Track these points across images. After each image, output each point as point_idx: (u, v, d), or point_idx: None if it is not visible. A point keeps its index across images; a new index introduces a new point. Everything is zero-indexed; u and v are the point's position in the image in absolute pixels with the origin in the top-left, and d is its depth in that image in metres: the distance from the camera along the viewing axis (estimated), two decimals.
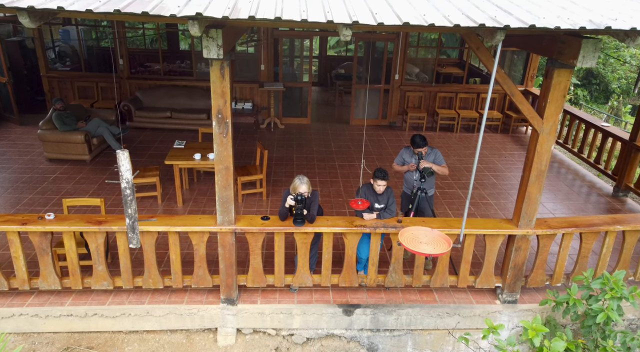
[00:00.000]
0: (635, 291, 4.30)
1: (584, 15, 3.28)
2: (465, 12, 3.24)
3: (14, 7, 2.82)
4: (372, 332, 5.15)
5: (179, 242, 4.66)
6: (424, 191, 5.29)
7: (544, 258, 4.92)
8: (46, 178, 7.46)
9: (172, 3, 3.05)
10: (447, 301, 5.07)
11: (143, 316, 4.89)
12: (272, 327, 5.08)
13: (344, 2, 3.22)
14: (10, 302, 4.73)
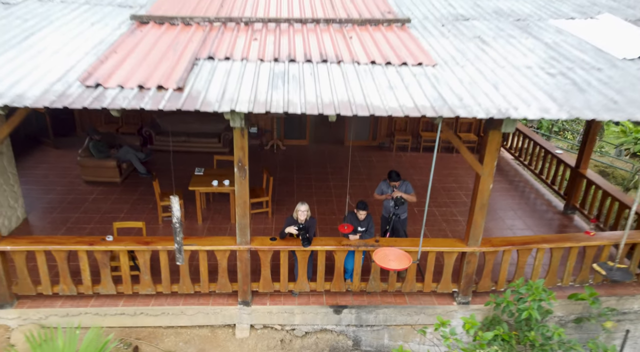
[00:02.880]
0: (551, 295, 5.71)
1: (498, 103, 4.69)
2: (416, 101, 4.65)
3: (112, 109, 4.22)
4: (357, 327, 6.55)
5: (206, 257, 6.07)
6: (398, 215, 6.71)
7: (489, 269, 6.33)
8: (86, 199, 8.86)
9: (213, 99, 4.46)
10: (415, 302, 6.48)
11: (178, 315, 6.30)
12: (278, 323, 6.49)
13: (332, 97, 4.62)
14: (77, 304, 6.13)
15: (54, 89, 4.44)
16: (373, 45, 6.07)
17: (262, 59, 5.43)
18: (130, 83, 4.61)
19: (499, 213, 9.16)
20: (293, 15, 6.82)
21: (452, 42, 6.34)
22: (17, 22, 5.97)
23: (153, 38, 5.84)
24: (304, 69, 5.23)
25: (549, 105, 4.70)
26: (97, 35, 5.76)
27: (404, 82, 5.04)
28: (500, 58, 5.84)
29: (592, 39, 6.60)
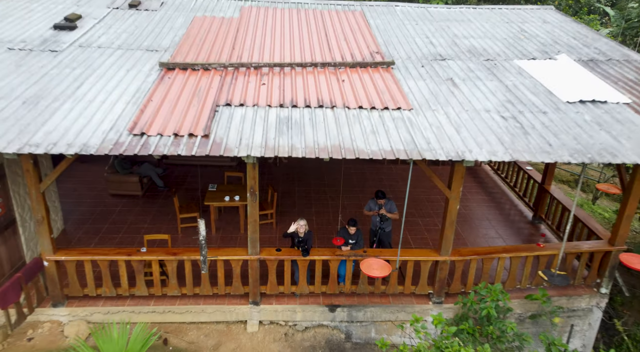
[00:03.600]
0: (507, 296, 6.98)
1: (457, 146, 5.94)
2: (392, 145, 5.89)
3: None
4: (348, 323, 7.82)
5: (223, 265, 7.32)
6: (383, 229, 7.98)
7: (459, 274, 7.60)
8: (113, 211, 10.11)
9: (232, 145, 5.70)
10: (397, 302, 7.74)
11: (199, 313, 7.56)
12: (283, 320, 7.76)
13: (326, 141, 5.86)
14: (116, 303, 7.39)
15: (109, 137, 5.68)
16: (361, 88, 7.31)
17: (269, 105, 6.67)
18: (167, 131, 5.86)
19: (475, 222, 10.42)
20: (294, 60, 8.06)
21: (428, 84, 7.58)
22: (67, 71, 7.20)
23: (179, 84, 7.07)
24: (304, 115, 6.46)
25: (497, 148, 5.95)
26: (134, 83, 6.99)
27: (384, 126, 6.29)
28: (465, 101, 7.08)
29: (546, 80, 7.84)
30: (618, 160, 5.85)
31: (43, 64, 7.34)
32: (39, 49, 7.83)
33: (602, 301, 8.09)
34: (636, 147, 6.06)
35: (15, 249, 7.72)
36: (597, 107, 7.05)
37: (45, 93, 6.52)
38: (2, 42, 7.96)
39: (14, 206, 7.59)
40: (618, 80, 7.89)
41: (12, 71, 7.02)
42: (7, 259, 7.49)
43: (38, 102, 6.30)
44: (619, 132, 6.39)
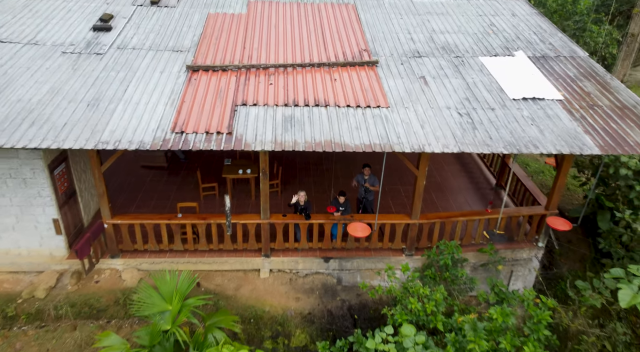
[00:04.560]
0: (460, 250, 9.10)
1: (420, 140, 7.83)
2: (371, 139, 7.78)
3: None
4: (339, 271, 10.01)
5: (241, 227, 9.40)
6: (367, 198, 10.01)
7: (426, 233, 9.70)
8: (145, 181, 12.11)
9: (250, 141, 7.59)
10: (377, 255, 9.89)
11: (223, 263, 9.72)
12: (288, 268, 9.94)
13: (320, 137, 7.75)
14: (158, 256, 9.53)
15: (157, 135, 7.57)
16: (350, 87, 9.10)
17: (276, 104, 8.50)
18: (200, 129, 7.74)
19: (448, 189, 12.44)
20: (296, 60, 9.78)
21: (404, 83, 9.36)
22: (113, 74, 8.97)
23: (204, 85, 8.87)
24: (304, 113, 8.31)
25: (450, 141, 7.85)
26: (168, 86, 8.78)
27: (365, 123, 8.16)
28: (432, 99, 8.90)
29: (501, 78, 9.59)
30: (539, 151, 7.78)
31: (93, 68, 9.09)
32: (86, 52, 9.54)
33: (539, 252, 10.25)
34: (555, 140, 7.96)
35: (77, 214, 9.80)
36: (535, 103, 8.87)
37: (101, 96, 8.34)
38: (55, 46, 9.66)
39: (74, 181, 9.59)
40: (559, 77, 9.65)
41: (71, 75, 8.80)
42: (72, 221, 9.59)
43: (98, 104, 8.13)
44: (546, 126, 8.27)
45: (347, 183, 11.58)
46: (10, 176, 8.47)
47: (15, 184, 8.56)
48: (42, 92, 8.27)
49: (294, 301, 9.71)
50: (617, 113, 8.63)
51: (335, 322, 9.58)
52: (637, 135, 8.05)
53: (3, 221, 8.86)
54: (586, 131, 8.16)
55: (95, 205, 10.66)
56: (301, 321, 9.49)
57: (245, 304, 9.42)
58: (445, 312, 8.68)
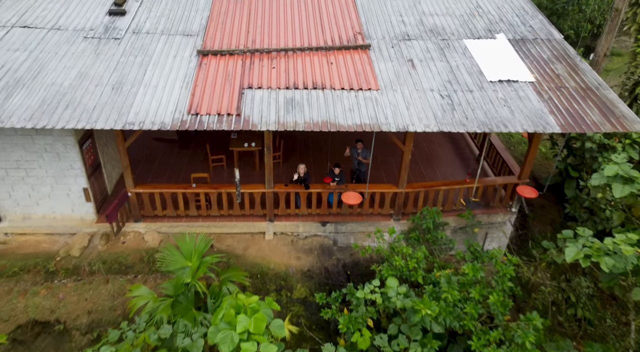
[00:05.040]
0: (440, 215, 10.38)
1: (405, 120, 8.95)
2: (362, 120, 8.90)
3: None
4: (335, 233, 11.34)
5: (248, 196, 10.65)
6: (359, 169, 11.22)
7: (412, 200, 10.97)
8: (158, 153, 13.27)
9: (257, 122, 8.72)
10: (368, 220, 11.19)
11: (232, 227, 11.04)
12: (289, 231, 11.26)
13: (317, 118, 8.87)
14: (175, 220, 10.83)
15: (175, 117, 8.69)
16: (345, 70, 10.13)
17: (279, 87, 9.56)
18: (213, 111, 8.85)
19: (435, 160, 13.63)
20: (296, 45, 10.74)
21: (394, 66, 10.37)
22: (131, 59, 9.97)
23: (213, 69, 9.89)
24: (303, 96, 9.39)
25: (431, 122, 8.98)
26: (182, 70, 9.80)
27: (358, 105, 9.26)
28: (418, 82, 9.94)
29: (481, 60, 10.59)
30: (508, 130, 8.92)
31: (113, 52, 10.08)
32: (105, 37, 10.50)
33: (512, 217, 11.57)
34: (523, 119, 9.08)
35: (102, 183, 11.04)
36: (510, 85, 9.93)
37: (124, 80, 9.39)
38: (77, 31, 10.60)
39: (99, 155, 10.77)
40: (534, 60, 10.66)
41: (95, 60, 9.81)
42: (98, 190, 10.84)
43: (121, 88, 9.20)
44: (516, 107, 9.37)
45: (342, 156, 12.74)
46: (45, 150, 9.64)
47: (50, 158, 9.74)
48: (71, 76, 9.31)
49: (295, 260, 11.08)
50: (581, 94, 9.71)
51: (331, 278, 10.99)
52: (594, 115, 9.17)
53: (40, 189, 10.09)
54: (551, 111, 9.27)
55: (116, 175, 11.88)
56: (301, 276, 10.89)
57: (252, 262, 10.80)
58: (427, 268, 10.05)
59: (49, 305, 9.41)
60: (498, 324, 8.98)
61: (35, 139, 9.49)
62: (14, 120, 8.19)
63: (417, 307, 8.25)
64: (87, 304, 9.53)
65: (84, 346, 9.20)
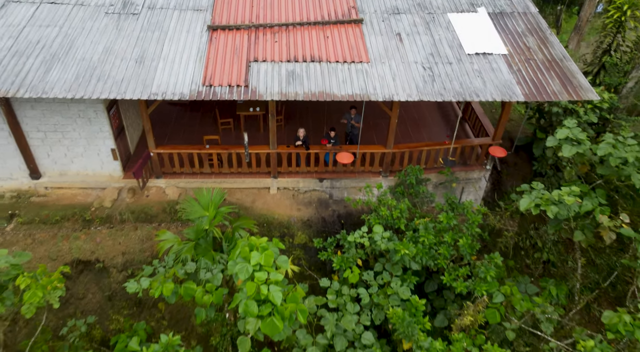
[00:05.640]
0: (422, 171, 11.95)
1: (390, 91, 10.33)
2: (354, 90, 10.29)
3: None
4: (331, 188, 12.96)
5: (255, 155, 12.18)
6: (352, 132, 12.69)
7: (398, 159, 12.51)
8: (171, 117, 14.68)
9: (262, 92, 10.11)
10: (360, 176, 12.78)
11: (241, 183, 12.64)
12: (291, 187, 12.88)
13: (315, 89, 10.25)
14: (191, 177, 12.42)
15: (192, 88, 10.07)
16: (339, 44, 11.38)
17: (281, 60, 10.86)
18: (224, 83, 10.22)
19: (422, 122, 15.05)
20: (295, 19, 11.93)
21: (383, 40, 11.61)
22: (149, 34, 11.21)
23: (223, 44, 11.16)
24: (303, 68, 10.72)
25: (413, 92, 10.36)
26: (194, 44, 11.06)
27: (350, 77, 10.61)
28: (404, 55, 11.22)
29: (462, 34, 11.81)
30: (479, 99, 10.32)
31: (133, 28, 11.30)
32: (124, 13, 11.66)
33: (487, 173, 13.15)
34: (493, 90, 10.46)
35: (125, 144, 12.55)
36: (485, 58, 11.22)
37: (145, 54, 10.69)
38: (98, 6, 11.75)
39: (122, 119, 12.21)
40: (509, 33, 11.87)
41: (117, 35, 11.05)
42: (123, 150, 12.36)
43: (143, 61, 10.52)
44: (489, 78, 10.72)
45: (337, 120, 14.18)
46: (79, 116, 11.08)
47: (83, 122, 11.19)
48: (99, 51, 10.61)
49: (296, 211, 12.77)
50: (546, 66, 11.04)
51: (327, 226, 12.72)
52: (555, 85, 10.55)
53: (74, 150, 11.62)
54: (518, 82, 10.64)
55: (136, 137, 13.37)
56: (301, 225, 12.61)
57: (259, 213, 12.49)
58: (409, 217, 11.74)
59: (88, 247, 11.16)
60: (466, 262, 10.76)
61: (70, 106, 10.91)
62: (56, 92, 9.60)
63: (398, 248, 9.97)
64: (121, 247, 11.28)
65: (121, 281, 11.02)
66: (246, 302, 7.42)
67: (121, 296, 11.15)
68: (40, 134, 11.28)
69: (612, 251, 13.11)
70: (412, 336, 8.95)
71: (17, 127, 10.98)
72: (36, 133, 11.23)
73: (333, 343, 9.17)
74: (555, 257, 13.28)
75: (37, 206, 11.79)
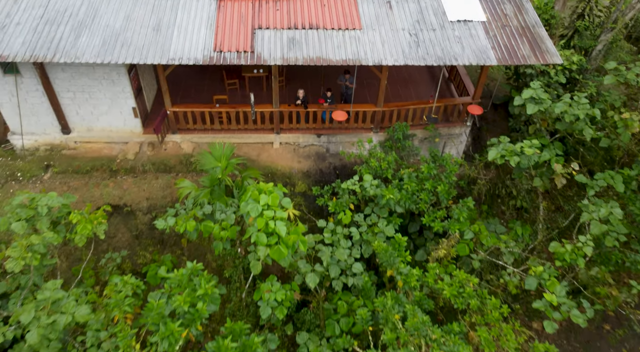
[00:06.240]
0: (408, 127, 13.49)
1: (379, 55, 11.69)
2: (347, 55, 11.66)
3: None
4: (327, 143, 14.54)
5: (259, 113, 13.67)
6: (347, 92, 14.12)
7: (387, 117, 14.00)
8: (182, 78, 16.00)
9: (267, 57, 11.49)
10: (353, 132, 14.31)
11: (247, 138, 14.20)
12: (292, 142, 14.45)
13: (313, 54, 11.61)
14: (203, 133, 13.96)
15: (204, 54, 11.43)
16: (335, 12, 12.61)
17: (282, 28, 12.14)
18: (232, 49, 11.56)
19: (412, 83, 16.41)
20: None
21: (374, 7, 12.81)
22: (164, 2, 12.39)
23: (230, 12, 12.39)
24: (302, 35, 12.02)
25: (399, 57, 11.72)
26: (204, 13, 12.30)
27: (344, 43, 11.93)
28: (393, 22, 12.48)
29: (446, 1, 12.98)
30: (458, 63, 11.69)
31: None
32: None
33: (467, 129, 14.69)
34: (470, 54, 11.81)
35: (143, 103, 14.01)
36: (465, 24, 12.48)
37: (161, 22, 11.96)
38: None
39: (141, 80, 13.61)
40: (489, 0, 13.05)
41: (135, 4, 12.25)
42: (142, 109, 13.83)
43: (160, 29, 11.81)
44: (467, 44, 12.05)
45: (333, 82, 15.56)
46: (103, 78, 12.48)
47: (107, 84, 12.61)
48: (120, 19, 11.87)
49: (297, 163, 14.40)
50: (519, 32, 12.34)
51: (324, 177, 14.39)
52: (525, 49, 11.91)
53: (100, 108, 13.10)
54: (493, 47, 11.99)
55: (151, 97, 14.80)
56: (302, 176, 14.28)
57: (264, 165, 14.12)
58: (396, 168, 13.38)
59: (117, 193, 12.87)
60: (444, 206, 12.50)
61: (95, 69, 12.30)
62: (87, 57, 10.99)
63: (385, 193, 11.67)
64: (145, 193, 12.99)
65: (146, 223, 12.81)
66: (257, 234, 9.15)
67: (147, 235, 12.97)
68: (69, 94, 12.72)
69: (580, 198, 14.82)
70: (394, 264, 10.79)
71: (50, 88, 12.41)
72: (66, 93, 12.67)
73: (328, 272, 11.05)
74: (528, 204, 15.04)
75: (68, 157, 13.41)
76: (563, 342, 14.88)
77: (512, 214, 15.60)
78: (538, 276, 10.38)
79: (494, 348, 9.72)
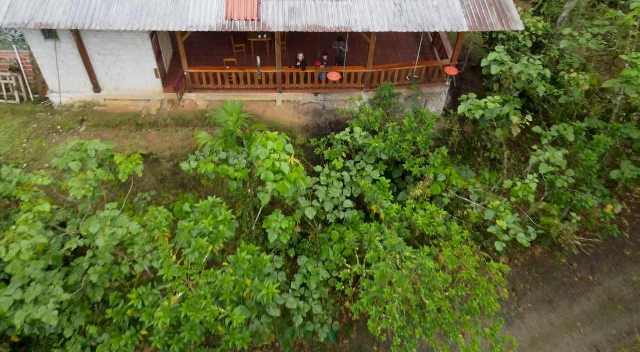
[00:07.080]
0: (393, 87, 15.53)
1: (368, 23, 13.59)
2: (339, 23, 13.57)
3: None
4: (324, 101, 16.60)
5: (264, 74, 15.66)
6: (341, 56, 16.06)
7: (376, 77, 16.00)
8: (194, 41, 17.85)
9: (272, 25, 13.40)
10: (346, 91, 16.34)
11: (254, 97, 16.25)
12: (293, 100, 16.51)
13: (310, 22, 13.52)
14: (215, 92, 15.98)
15: (218, 22, 13.34)
16: None
17: None
18: (242, 17, 13.46)
19: (398, 46, 18.27)
20: None
21: None
22: None
23: None
24: (301, 5, 13.86)
25: (385, 25, 13.61)
26: None
27: (338, 12, 13.80)
28: None
29: None
30: (436, 30, 13.61)
31: None
32: None
33: (446, 89, 16.72)
34: (446, 22, 13.70)
35: (163, 65, 15.97)
36: None
37: None
38: None
39: (160, 45, 15.53)
40: None
41: None
42: (162, 70, 15.81)
43: (178, 0, 13.65)
44: (444, 13, 13.91)
45: (329, 47, 17.42)
46: (130, 43, 14.42)
47: (132, 48, 14.55)
48: None
49: (297, 119, 16.51)
50: (490, 1, 14.18)
51: (321, 130, 16.54)
52: (493, 18, 13.81)
53: (126, 70, 15.09)
54: (466, 16, 13.87)
55: (168, 60, 16.74)
56: (301, 130, 16.43)
57: (269, 120, 16.24)
58: (383, 122, 15.51)
59: (143, 144, 15.06)
60: (422, 154, 14.73)
61: (123, 35, 14.21)
62: (119, 25, 12.92)
63: (372, 143, 13.86)
64: (167, 144, 15.17)
65: (169, 169, 15.05)
66: (266, 173, 11.37)
67: (170, 180, 15.24)
68: (100, 57, 14.69)
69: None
70: (378, 200, 13.11)
71: (84, 52, 14.37)
72: (97, 56, 14.63)
73: (324, 207, 13.38)
74: (500, 156, 17.25)
75: (99, 113, 15.51)
76: (526, 273, 17.49)
77: (487, 165, 17.83)
78: (495, 209, 12.73)
79: (457, 264, 12.16)
